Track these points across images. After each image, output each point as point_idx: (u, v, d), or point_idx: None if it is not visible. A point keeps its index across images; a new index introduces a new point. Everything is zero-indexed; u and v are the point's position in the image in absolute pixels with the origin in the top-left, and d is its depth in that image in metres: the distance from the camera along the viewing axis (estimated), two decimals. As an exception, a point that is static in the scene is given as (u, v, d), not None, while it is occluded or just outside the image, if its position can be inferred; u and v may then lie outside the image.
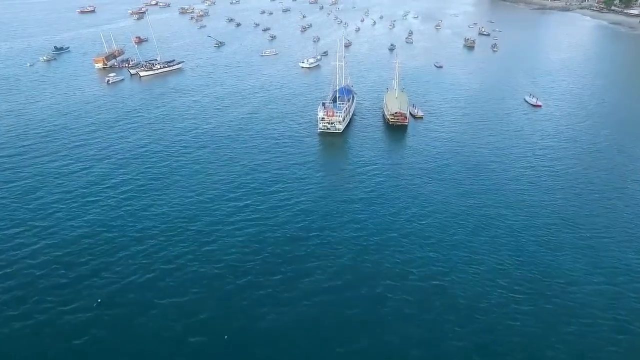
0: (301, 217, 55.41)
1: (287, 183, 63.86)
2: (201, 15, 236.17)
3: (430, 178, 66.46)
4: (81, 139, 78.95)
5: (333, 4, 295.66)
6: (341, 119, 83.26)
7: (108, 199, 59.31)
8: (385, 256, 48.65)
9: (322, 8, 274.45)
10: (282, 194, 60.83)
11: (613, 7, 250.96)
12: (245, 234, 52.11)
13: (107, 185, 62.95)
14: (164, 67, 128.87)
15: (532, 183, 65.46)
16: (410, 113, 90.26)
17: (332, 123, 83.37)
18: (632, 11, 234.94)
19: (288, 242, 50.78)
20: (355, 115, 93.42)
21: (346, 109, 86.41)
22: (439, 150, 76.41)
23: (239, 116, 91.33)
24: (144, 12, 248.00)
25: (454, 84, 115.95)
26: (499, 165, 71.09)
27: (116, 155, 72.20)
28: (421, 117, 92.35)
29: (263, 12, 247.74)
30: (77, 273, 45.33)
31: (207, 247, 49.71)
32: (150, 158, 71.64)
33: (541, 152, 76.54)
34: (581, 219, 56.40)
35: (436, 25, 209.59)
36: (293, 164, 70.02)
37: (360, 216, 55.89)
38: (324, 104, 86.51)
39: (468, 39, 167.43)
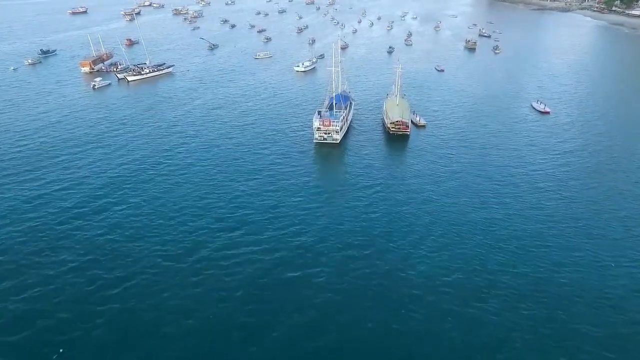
0: (299, 252, 48.86)
1: (282, 207, 56.91)
2: (195, 17, 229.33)
3: (437, 196, 60.08)
4: (57, 155, 72.09)
5: (330, 4, 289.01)
6: (338, 128, 76.85)
7: (81, 230, 52.71)
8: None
9: (318, 9, 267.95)
10: (276, 224, 53.64)
11: (614, 8, 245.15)
12: (235, 277, 45.57)
13: (81, 212, 56.27)
14: (153, 71, 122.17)
15: (550, 202, 59.16)
16: (412, 121, 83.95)
17: (328, 133, 76.97)
18: (633, 12, 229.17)
19: (282, 286, 44.35)
20: (353, 123, 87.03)
21: (343, 117, 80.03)
22: (444, 164, 70.00)
23: (229, 126, 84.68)
24: (136, 14, 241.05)
25: (456, 89, 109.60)
26: (511, 181, 64.83)
27: (92, 177, 65.14)
28: (424, 126, 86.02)
29: (258, 13, 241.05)
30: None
31: (195, 289, 42.95)
32: (132, 178, 64.80)
33: (556, 165, 70.31)
34: (607, 246, 50.08)
35: (435, 27, 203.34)
36: (288, 183, 62.93)
37: (365, 251, 49.02)
38: (319, 113, 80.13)
39: (469, 41, 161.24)
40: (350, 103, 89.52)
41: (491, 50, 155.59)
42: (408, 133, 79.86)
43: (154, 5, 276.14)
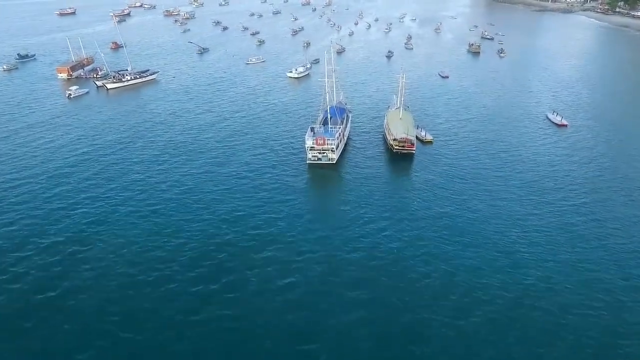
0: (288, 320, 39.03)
1: (271, 251, 46.95)
2: (187, 18, 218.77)
3: (452, 237, 50.19)
4: (11, 179, 61.92)
5: (326, 5, 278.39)
6: (334, 147, 66.87)
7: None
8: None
9: (314, 10, 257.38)
10: (261, 277, 43.80)
11: (618, 9, 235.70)
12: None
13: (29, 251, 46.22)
14: (135, 78, 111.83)
15: (575, 228, 49.40)
16: (417, 137, 74.09)
17: (323, 153, 67.03)
18: (639, 13, 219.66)
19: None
20: (350, 138, 77.10)
21: (340, 133, 70.02)
22: (457, 191, 60.11)
23: (213, 143, 74.61)
24: (126, 15, 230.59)
25: (464, 99, 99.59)
26: (535, 207, 55.35)
27: (50, 206, 55.15)
28: (430, 142, 76.18)
29: (252, 15, 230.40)
30: None
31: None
32: (94, 208, 54.75)
33: (578, 186, 61.04)
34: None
35: (436, 29, 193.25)
36: (277, 217, 52.97)
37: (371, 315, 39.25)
38: (312, 129, 70.17)
39: (472, 44, 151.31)
40: (347, 116, 79.62)
41: (496, 54, 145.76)
42: (413, 152, 69.97)
43: (145, 6, 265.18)
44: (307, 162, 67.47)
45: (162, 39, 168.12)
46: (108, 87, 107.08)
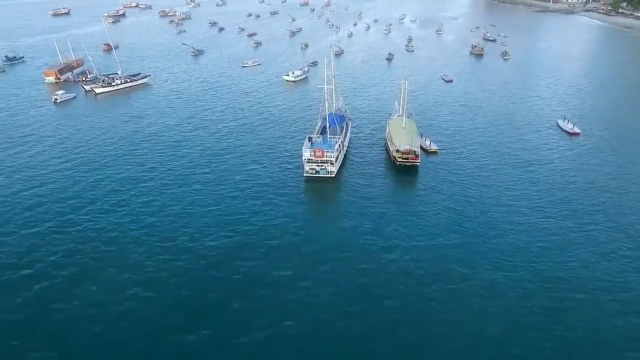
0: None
1: (262, 290, 41.56)
2: (183, 19, 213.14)
3: (459, 243, 45.47)
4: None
5: (325, 5, 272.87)
6: (333, 159, 61.69)
7: None
8: None
9: (313, 10, 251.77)
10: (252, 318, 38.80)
11: (621, 10, 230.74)
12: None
13: None
14: (126, 82, 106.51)
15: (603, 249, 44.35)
16: (421, 147, 68.89)
17: (321, 165, 61.86)
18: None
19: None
20: (350, 147, 71.94)
21: (339, 144, 64.84)
22: (464, 204, 55.10)
23: (204, 154, 69.37)
24: (120, 15, 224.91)
25: (469, 105, 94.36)
26: (547, 222, 50.43)
27: (22, 231, 49.92)
28: (435, 152, 71.10)
29: (249, 15, 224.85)
30: None
31: None
32: (69, 235, 49.51)
33: (595, 199, 56.10)
34: None
35: (437, 30, 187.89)
36: (271, 248, 47.68)
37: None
38: (310, 139, 65.05)
39: (475, 46, 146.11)
40: (347, 124, 74.46)
41: (500, 56, 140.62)
42: (418, 164, 64.78)
43: (141, 6, 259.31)
44: (304, 174, 62.34)
45: (156, 40, 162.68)
46: (96, 92, 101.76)
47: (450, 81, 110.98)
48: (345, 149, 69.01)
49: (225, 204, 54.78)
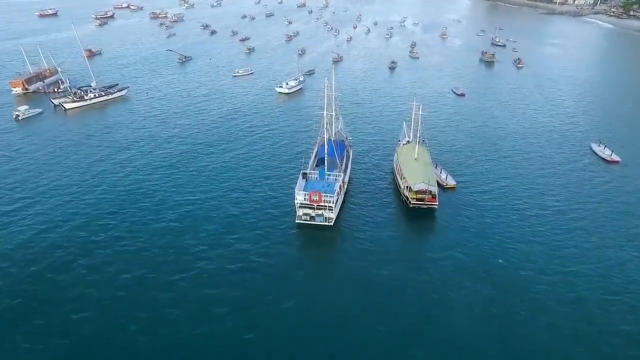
0: None
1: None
2: (174, 21, 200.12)
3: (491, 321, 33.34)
4: None
5: (323, 7, 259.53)
6: (332, 203, 49.55)
7: None
8: None
9: (310, 12, 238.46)
10: None
11: (632, 13, 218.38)
12: None
13: None
14: (101, 95, 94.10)
15: None
16: (437, 182, 56.77)
17: (318, 211, 49.73)
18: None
19: None
20: (351, 181, 59.79)
21: (340, 183, 52.64)
22: (493, 263, 43.18)
23: (178, 191, 57.11)
24: (109, 17, 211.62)
25: (488, 125, 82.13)
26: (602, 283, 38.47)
27: None
28: (453, 188, 59.02)
29: (244, 17, 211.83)
30: None
31: None
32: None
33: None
34: None
35: (441, 35, 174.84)
36: (247, 333, 35.80)
37: None
38: (304, 175, 52.95)
39: (485, 53, 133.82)
40: (348, 153, 62.27)
41: (512, 64, 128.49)
42: (436, 207, 52.67)
43: (132, 7, 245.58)
44: (297, 221, 50.23)
45: (143, 45, 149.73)
46: (66, 107, 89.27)
47: (462, 95, 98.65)
48: (346, 185, 56.81)
49: (192, 272, 42.48)
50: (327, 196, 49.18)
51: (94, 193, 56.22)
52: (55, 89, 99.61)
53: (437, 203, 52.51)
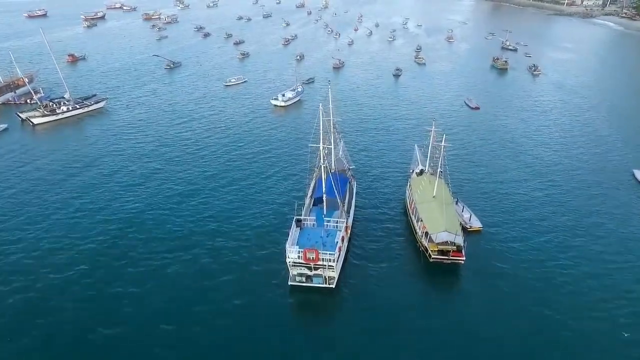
0: None
1: None
2: (168, 22, 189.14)
3: None
4: None
5: (323, 8, 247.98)
6: (333, 262, 38.84)
7: None
8: None
9: (309, 13, 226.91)
10: None
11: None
12: None
13: None
14: (75, 108, 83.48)
15: None
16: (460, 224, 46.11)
17: (316, 272, 39.17)
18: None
19: None
20: (356, 223, 49.10)
21: (342, 235, 41.96)
22: (533, 339, 32.68)
23: (144, 245, 46.20)
24: (99, 18, 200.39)
25: (510, 146, 71.15)
26: None
27: None
28: (478, 231, 48.38)
29: (240, 18, 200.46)
30: None
31: None
32: None
33: None
34: None
35: (448, 38, 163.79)
36: None
37: None
38: (298, 222, 42.38)
39: (498, 59, 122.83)
40: (351, 185, 51.62)
41: (527, 71, 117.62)
42: (462, 262, 42.04)
43: (125, 7, 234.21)
44: (290, 283, 39.62)
45: (131, 49, 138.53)
46: (34, 122, 78.62)
47: (477, 108, 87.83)
48: (350, 230, 46.10)
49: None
50: (325, 252, 38.52)
51: (52, 238, 45.57)
52: (28, 100, 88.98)
53: (463, 258, 41.89)
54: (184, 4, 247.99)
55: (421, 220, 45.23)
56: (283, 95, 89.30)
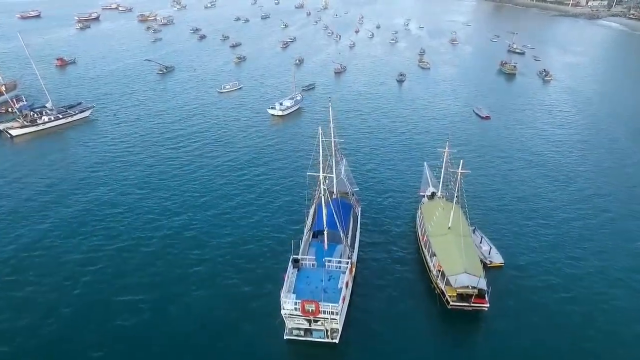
0: None
1: None
2: (164, 24, 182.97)
3: None
4: None
5: (322, 9, 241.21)
6: (337, 315, 32.79)
7: None
8: None
9: (309, 14, 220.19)
10: None
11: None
12: None
13: None
14: (58, 118, 77.46)
15: None
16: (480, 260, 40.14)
17: (315, 326, 33.23)
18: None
19: None
20: (360, 257, 42.99)
21: (347, 279, 35.96)
22: None
23: (127, 288, 40.24)
24: (93, 20, 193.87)
25: (527, 163, 64.96)
26: None
27: None
28: (500, 266, 42.36)
29: (237, 19, 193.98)
30: None
31: None
32: None
33: None
34: None
35: (451, 40, 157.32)
36: None
37: None
38: (295, 263, 36.50)
39: (506, 64, 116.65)
40: (355, 213, 45.63)
41: (538, 76, 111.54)
42: (486, 309, 36.03)
43: (121, 8, 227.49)
44: (286, 337, 33.67)
45: (123, 52, 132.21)
46: (12, 134, 72.59)
47: (487, 118, 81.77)
48: (354, 267, 40.00)
49: None
50: (328, 305, 32.49)
51: (22, 270, 39.57)
52: (8, 110, 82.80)
53: (487, 304, 35.88)
54: (180, 4, 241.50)
55: (435, 256, 39.29)
56: (281, 104, 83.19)
